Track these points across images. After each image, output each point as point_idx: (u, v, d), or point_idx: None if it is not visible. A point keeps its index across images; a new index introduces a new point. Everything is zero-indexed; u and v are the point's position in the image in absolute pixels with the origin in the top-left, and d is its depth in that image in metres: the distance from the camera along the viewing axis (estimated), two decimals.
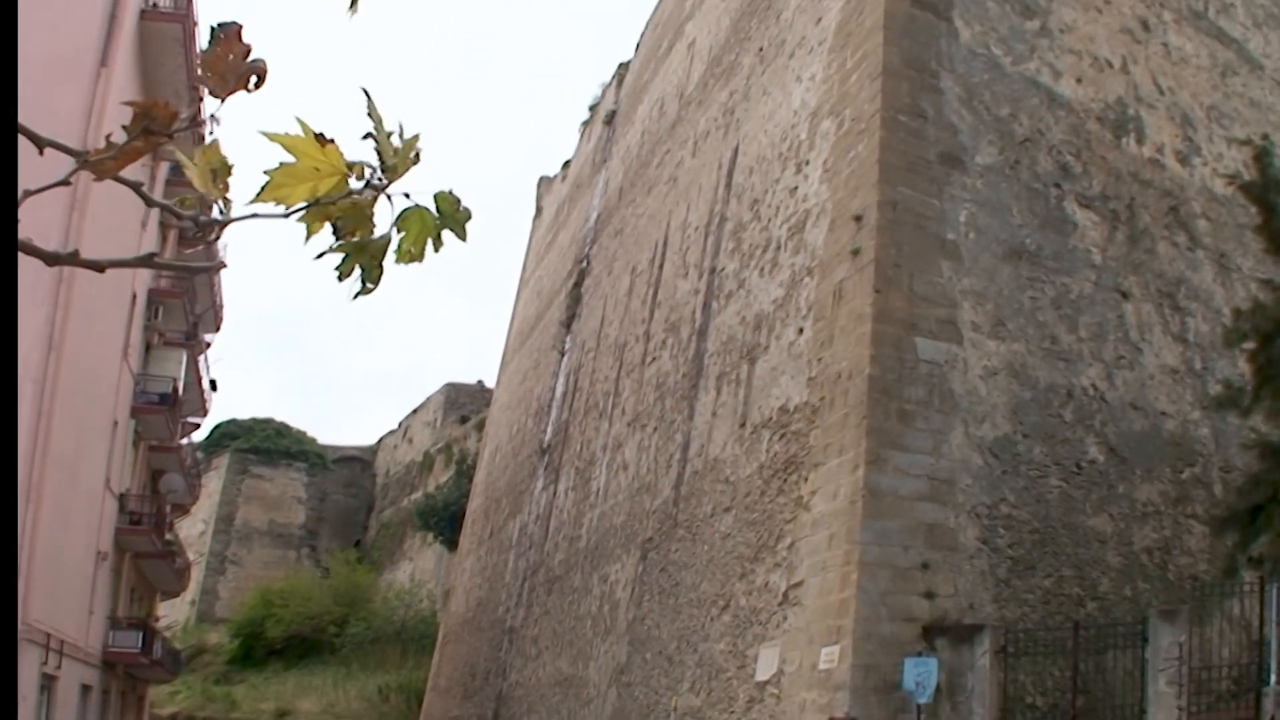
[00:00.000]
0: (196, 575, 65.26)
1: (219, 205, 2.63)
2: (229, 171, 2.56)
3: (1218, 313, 21.62)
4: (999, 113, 20.36)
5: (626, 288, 33.99)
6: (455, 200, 2.46)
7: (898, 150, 19.03)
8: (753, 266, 23.35)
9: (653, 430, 27.00)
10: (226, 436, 79.20)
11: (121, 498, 31.60)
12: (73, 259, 2.68)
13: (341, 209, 2.39)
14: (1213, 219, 22.91)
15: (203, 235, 2.68)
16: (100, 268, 2.69)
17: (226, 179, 2.56)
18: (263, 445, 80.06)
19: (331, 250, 2.43)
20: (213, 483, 74.10)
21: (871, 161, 19.03)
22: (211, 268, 29.51)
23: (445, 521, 58.92)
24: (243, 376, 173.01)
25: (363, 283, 2.46)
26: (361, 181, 2.39)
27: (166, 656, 36.97)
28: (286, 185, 2.35)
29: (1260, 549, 15.54)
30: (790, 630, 17.67)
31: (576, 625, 29.08)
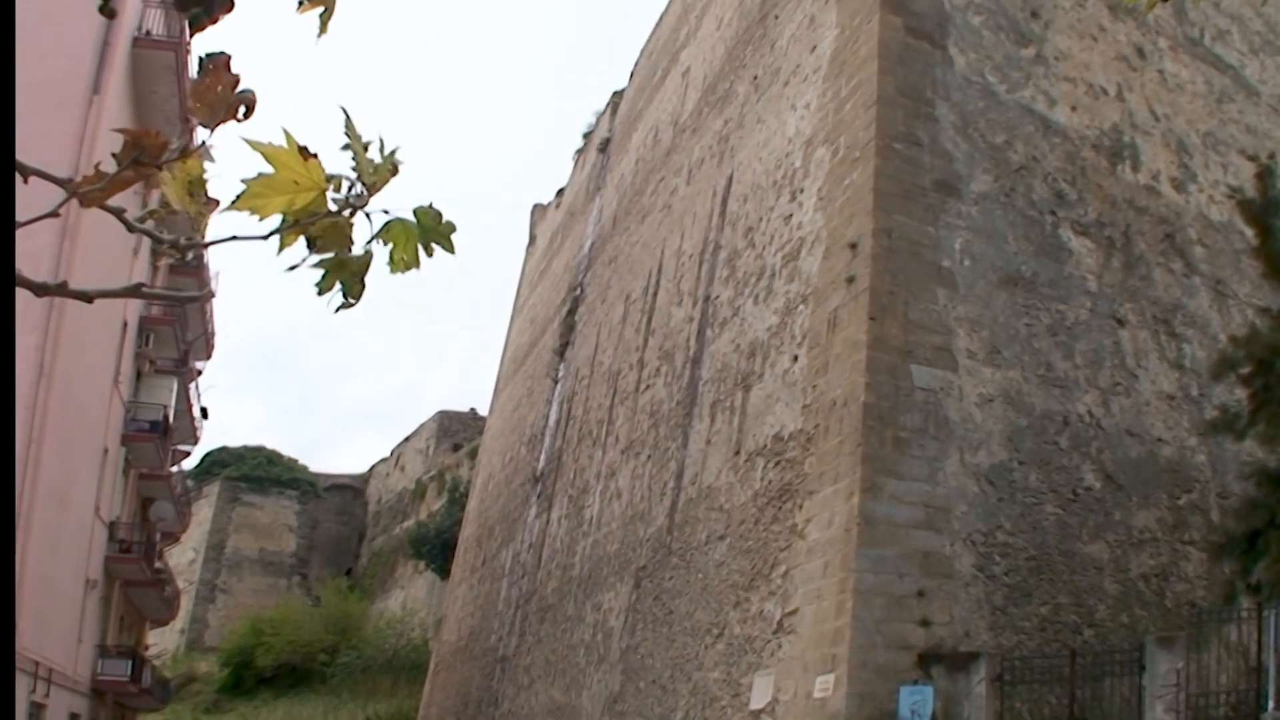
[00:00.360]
0: (186, 603, 65.00)
1: (198, 222, 2.61)
2: (203, 185, 2.56)
3: (1214, 339, 21.63)
4: (994, 140, 20.41)
5: (620, 315, 33.96)
6: (436, 214, 2.45)
7: (893, 178, 19.05)
8: (747, 294, 23.34)
9: (646, 458, 26.92)
10: (217, 464, 78.95)
11: (111, 525, 31.47)
12: (61, 290, 2.67)
13: (321, 228, 2.38)
14: (1209, 245, 22.96)
15: (182, 257, 2.68)
16: (89, 298, 2.69)
17: (203, 191, 2.56)
18: (254, 473, 79.81)
19: (310, 266, 2.42)
20: (203, 511, 73.88)
21: (866, 189, 19.05)
22: (199, 297, 29.43)
23: (437, 549, 58.73)
24: (234, 404, 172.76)
25: (344, 297, 2.45)
26: (340, 194, 2.37)
27: (156, 685, 36.72)
28: (263, 196, 2.33)
29: (1258, 575, 15.49)
30: (785, 659, 17.56)
31: (569, 654, 28.90)
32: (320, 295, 2.43)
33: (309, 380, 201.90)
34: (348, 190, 2.37)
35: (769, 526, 19.32)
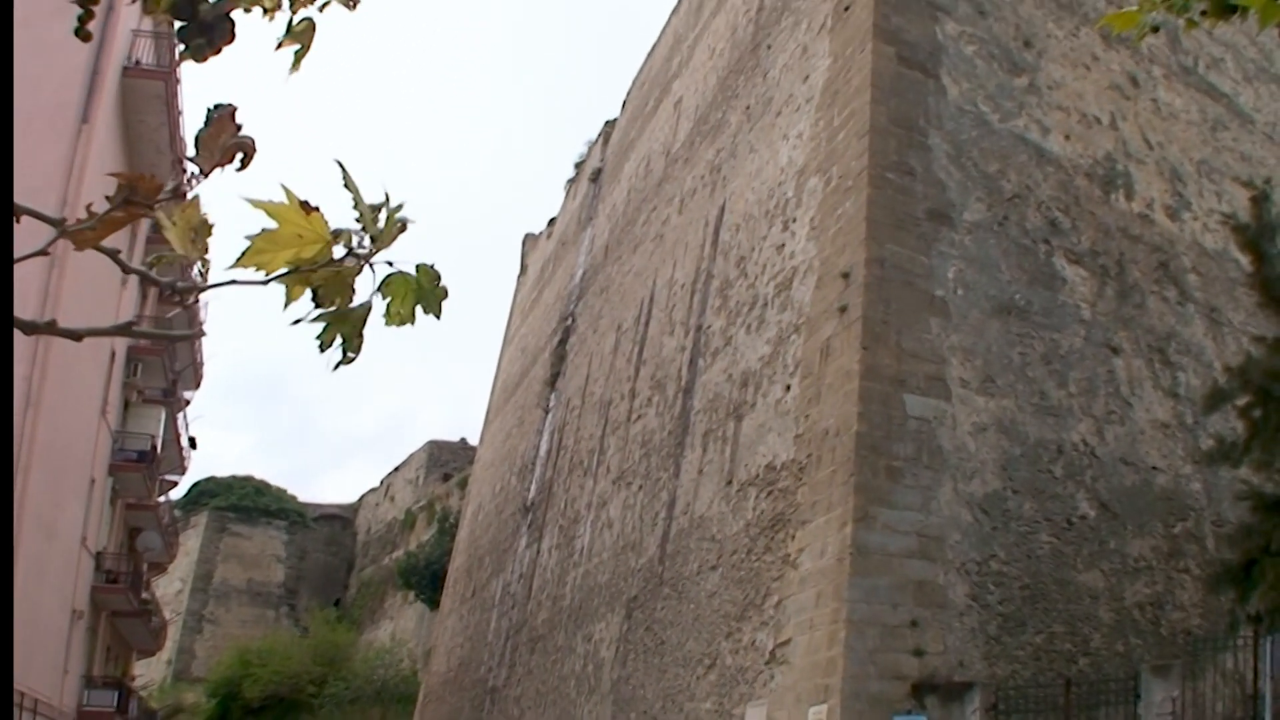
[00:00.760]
0: (173, 634, 64.60)
1: (198, 267, 2.63)
2: (208, 231, 2.55)
3: (1209, 367, 21.63)
4: (987, 169, 20.44)
5: (612, 345, 33.92)
6: (436, 275, 2.47)
7: (885, 207, 19.06)
8: (739, 324, 23.31)
9: (638, 488, 26.82)
10: (205, 494, 78.65)
11: (98, 556, 31.32)
12: (50, 329, 2.68)
13: (323, 276, 2.39)
14: (1203, 273, 22.99)
15: (180, 300, 2.69)
16: (77, 337, 2.66)
17: (205, 239, 2.55)
18: (242, 503, 79.50)
19: (312, 320, 2.43)
20: (191, 541, 73.54)
21: (859, 218, 19.05)
22: (189, 336, 29.41)
23: (427, 580, 58.47)
24: (223, 434, 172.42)
25: (343, 352, 2.46)
26: (346, 249, 2.39)
27: (142, 716, 36.51)
28: (268, 251, 2.35)
29: (1254, 602, 15.43)
30: (777, 689, 17.44)
31: (560, 685, 28.71)
32: (322, 351, 2.44)
33: (299, 410, 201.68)
34: (356, 244, 2.39)
35: (761, 556, 19.23)
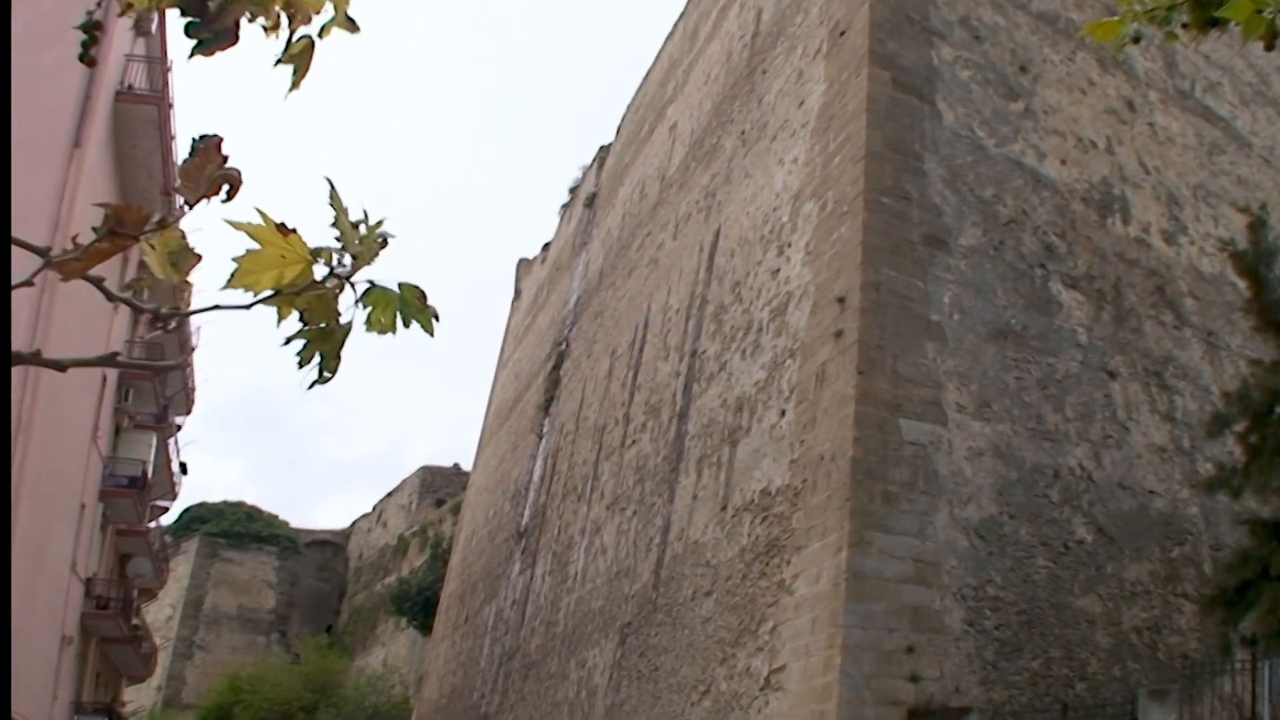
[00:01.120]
0: (163, 660, 64.17)
1: (182, 291, 2.64)
2: (189, 256, 2.57)
3: (1206, 391, 21.62)
4: (983, 194, 20.46)
5: (606, 370, 33.87)
6: (421, 293, 2.47)
7: (881, 232, 19.05)
8: (734, 349, 23.27)
9: (632, 514, 26.72)
10: (196, 520, 78.33)
11: (88, 582, 31.10)
12: (35, 359, 2.68)
13: (307, 300, 2.40)
14: (1200, 297, 23.00)
15: (164, 326, 2.69)
16: (62, 368, 2.66)
17: (186, 263, 2.57)
18: (233, 529, 79.17)
19: (290, 338, 2.44)
20: (181, 566, 73.20)
21: (855, 243, 19.04)
22: (175, 366, 29.42)
23: (419, 606, 58.25)
24: (215, 460, 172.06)
25: (320, 371, 2.46)
26: (327, 268, 2.40)
27: None
28: (254, 272, 2.38)
29: (1251, 626, 15.36)
30: (772, 716, 17.34)
31: (553, 712, 28.53)
32: (301, 367, 2.44)
33: (293, 436, 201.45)
34: (336, 262, 2.40)
35: (756, 582, 19.13)
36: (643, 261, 33.54)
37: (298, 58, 2.79)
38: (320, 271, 2.41)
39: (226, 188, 2.49)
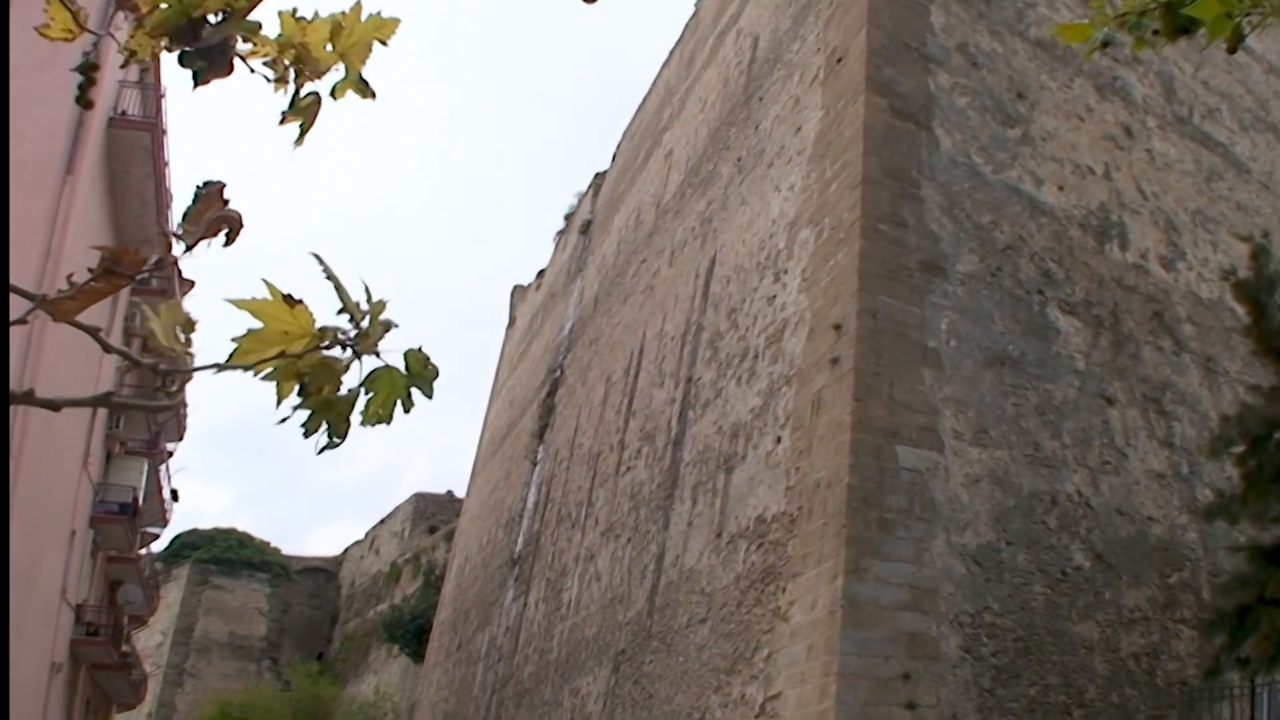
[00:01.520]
0: (154, 687, 63.90)
1: (182, 361, 2.63)
2: (192, 327, 2.59)
3: (1204, 417, 21.57)
4: (980, 220, 20.45)
5: (601, 397, 33.80)
6: (425, 358, 2.45)
7: (878, 259, 19.03)
8: (730, 376, 23.22)
9: (627, 541, 26.61)
10: (187, 547, 78.14)
11: (78, 608, 30.99)
12: (28, 399, 2.68)
13: (310, 364, 2.37)
14: (1198, 323, 22.98)
15: (163, 386, 2.67)
16: (55, 407, 2.65)
17: (190, 333, 2.59)
18: (224, 556, 78.96)
19: (296, 409, 2.41)
20: (172, 593, 72.99)
21: (851, 270, 19.01)
22: (169, 407, 29.39)
23: (412, 634, 58.00)
24: (207, 486, 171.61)
25: (329, 437, 2.43)
26: (336, 347, 2.38)
27: None
28: (255, 351, 2.34)
29: (1248, 651, 15.29)
30: None
31: None
32: (307, 437, 2.41)
33: (285, 463, 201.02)
34: (344, 340, 2.38)
35: (751, 609, 19.03)
36: (638, 288, 33.52)
37: (304, 112, 2.74)
38: (329, 348, 2.38)
39: (226, 230, 2.48)
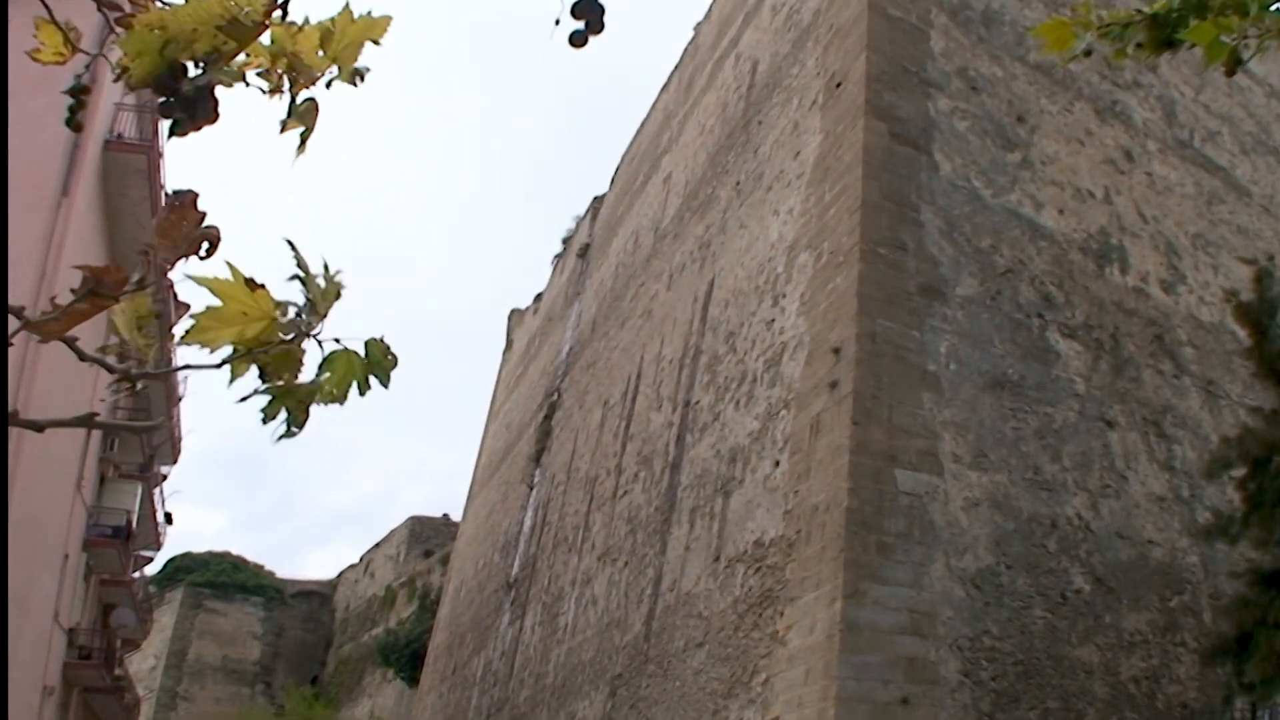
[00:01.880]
0: (147, 711, 63.55)
1: (147, 354, 2.63)
2: (153, 319, 2.63)
3: (1205, 440, 21.54)
4: (980, 244, 20.46)
5: (598, 421, 33.75)
6: (385, 348, 2.48)
7: (877, 282, 19.02)
8: (728, 400, 23.18)
9: (623, 565, 26.51)
10: (181, 570, 78.00)
11: (71, 632, 30.86)
12: (12, 420, 2.69)
13: (273, 356, 2.40)
14: (1199, 346, 22.99)
15: (133, 387, 2.72)
16: (39, 428, 2.69)
17: (152, 327, 2.60)
18: (218, 579, 78.80)
19: (258, 393, 2.43)
20: (165, 617, 72.76)
21: (850, 294, 19.00)
22: (154, 426, 29.52)
23: (406, 658, 57.84)
24: (201, 510, 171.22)
25: (288, 426, 2.45)
26: (289, 318, 2.40)
27: None
28: (212, 329, 2.36)
29: (1250, 675, 15.21)
30: None
31: None
32: (265, 423, 2.44)
33: (281, 486, 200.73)
34: (297, 315, 2.39)
35: (749, 633, 18.94)
36: (636, 312, 33.52)
37: (303, 119, 2.74)
38: (283, 325, 2.39)
39: (205, 245, 2.49)
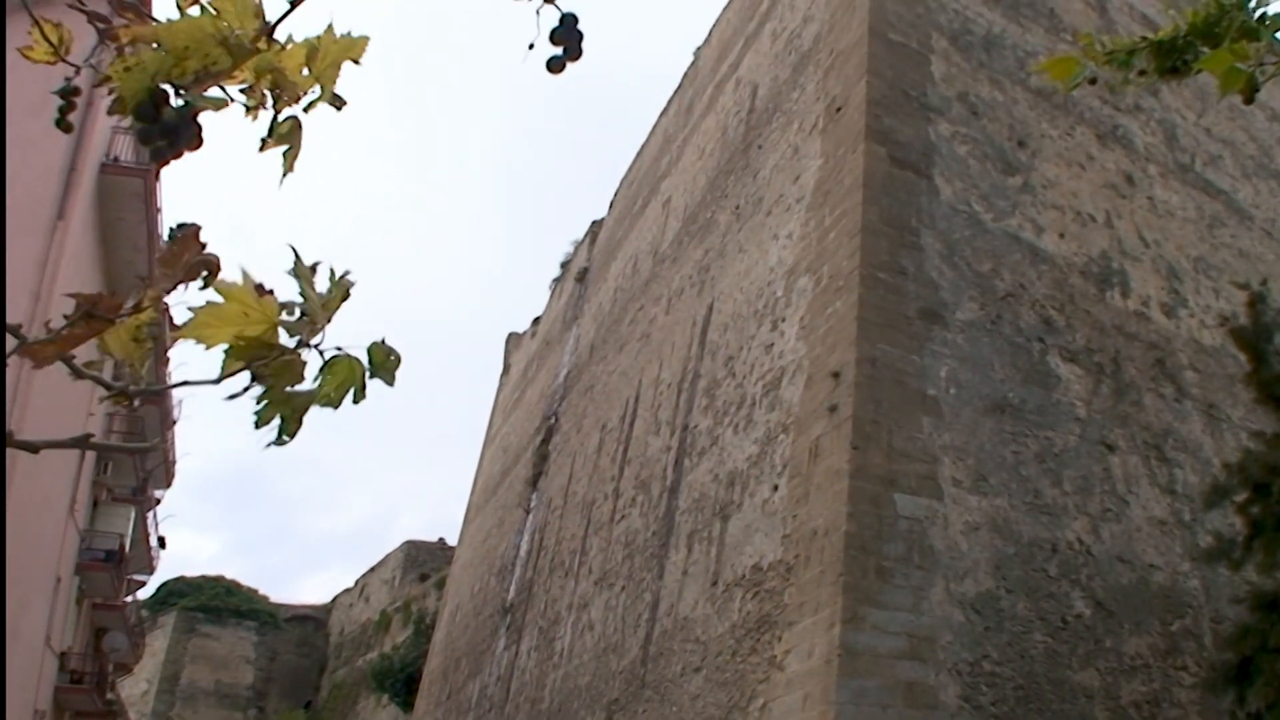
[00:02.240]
0: None
1: (138, 369, 2.64)
2: (143, 335, 2.57)
3: (1207, 463, 21.49)
4: (980, 268, 20.47)
5: (596, 445, 33.68)
6: (387, 349, 2.45)
7: (876, 307, 19.01)
8: (726, 424, 23.14)
9: (620, 589, 26.41)
10: (174, 594, 77.84)
11: (62, 656, 30.76)
12: (8, 441, 2.70)
13: (274, 368, 2.37)
14: (1200, 370, 22.97)
15: (130, 404, 2.70)
16: (34, 449, 2.69)
17: (146, 343, 2.57)
18: (211, 603, 78.61)
19: (254, 397, 2.40)
20: (158, 641, 72.56)
21: (850, 318, 18.99)
22: (150, 448, 29.49)
23: (401, 682, 57.66)
24: (196, 534, 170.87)
25: (279, 434, 2.42)
26: (291, 319, 2.37)
27: None
28: (210, 326, 2.33)
29: (1252, 701, 15.11)
30: None
31: None
32: (258, 428, 2.40)
33: (276, 510, 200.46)
34: (298, 319, 2.37)
35: (747, 658, 18.85)
36: (634, 336, 33.51)
37: (287, 138, 2.68)
38: (284, 327, 2.37)
39: (204, 274, 2.48)
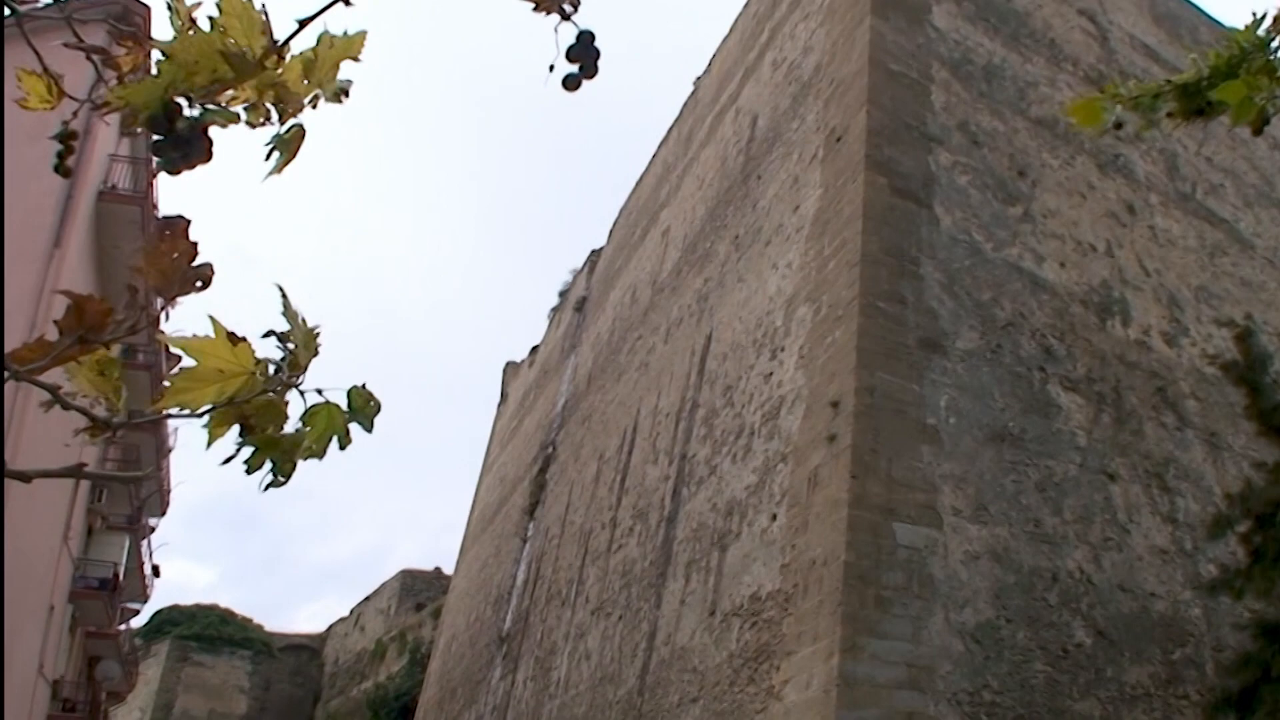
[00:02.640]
0: None
1: (113, 403, 2.62)
2: (115, 368, 2.56)
3: (1208, 492, 21.46)
4: (980, 298, 20.49)
5: (593, 474, 33.63)
6: (368, 395, 2.46)
7: (876, 336, 19.02)
8: (725, 453, 23.11)
9: (618, 619, 26.31)
10: (168, 623, 77.55)
11: (55, 684, 30.64)
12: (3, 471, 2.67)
13: (256, 407, 2.38)
14: (1202, 399, 22.96)
15: (112, 436, 2.67)
16: (27, 479, 2.69)
17: (115, 375, 2.55)
18: (205, 632, 78.30)
19: (241, 445, 2.41)
20: (151, 670, 72.21)
21: (849, 347, 18.99)
22: (143, 477, 29.48)
23: (396, 712, 57.47)
24: (191, 563, 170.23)
25: (274, 475, 2.44)
26: (270, 375, 2.39)
27: None
28: (190, 390, 2.34)
29: None
30: None
31: None
32: (249, 474, 2.42)
33: (272, 539, 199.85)
34: (277, 370, 2.37)
35: (744, 688, 18.76)
36: (633, 365, 33.51)
37: (286, 144, 2.72)
38: (264, 380, 2.37)
39: (199, 284, 2.46)
